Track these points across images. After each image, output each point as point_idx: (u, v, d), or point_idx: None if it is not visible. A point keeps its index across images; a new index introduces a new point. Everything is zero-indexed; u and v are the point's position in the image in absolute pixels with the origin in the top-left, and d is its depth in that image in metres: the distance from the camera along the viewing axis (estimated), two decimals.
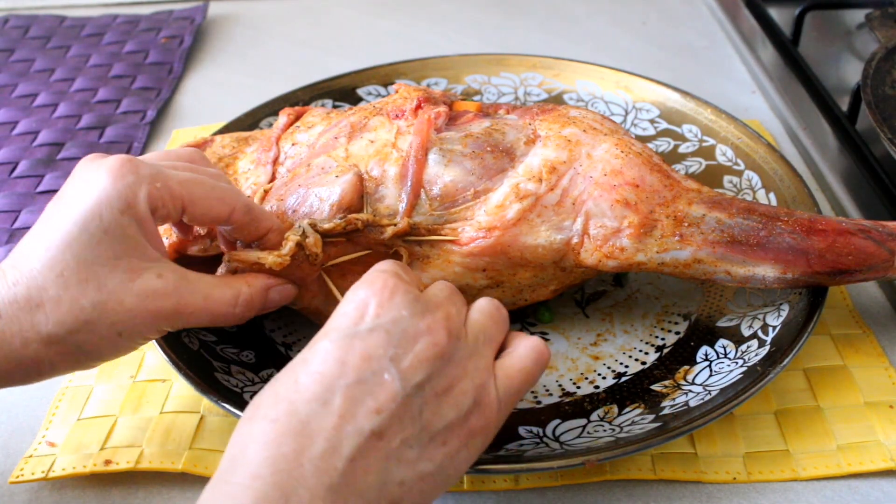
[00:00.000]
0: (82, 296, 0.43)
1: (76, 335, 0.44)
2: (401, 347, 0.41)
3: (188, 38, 0.98)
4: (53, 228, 0.44)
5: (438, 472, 0.41)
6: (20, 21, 1.03)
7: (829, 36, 0.95)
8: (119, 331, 0.45)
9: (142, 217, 0.45)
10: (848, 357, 0.57)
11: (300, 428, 0.38)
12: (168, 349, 0.52)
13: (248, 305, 0.49)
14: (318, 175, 0.55)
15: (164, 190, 0.45)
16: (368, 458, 0.38)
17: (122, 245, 0.44)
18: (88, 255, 0.44)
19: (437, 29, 1.01)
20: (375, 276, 0.44)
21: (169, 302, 0.45)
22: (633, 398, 0.54)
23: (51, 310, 0.43)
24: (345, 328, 0.41)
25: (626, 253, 0.54)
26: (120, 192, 0.44)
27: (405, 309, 0.42)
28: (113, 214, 0.44)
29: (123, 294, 0.44)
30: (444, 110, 0.56)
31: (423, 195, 0.54)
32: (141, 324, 0.45)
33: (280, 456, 0.37)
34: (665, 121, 0.73)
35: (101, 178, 0.44)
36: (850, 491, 0.50)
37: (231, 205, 0.48)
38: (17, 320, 0.43)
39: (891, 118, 0.67)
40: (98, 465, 0.51)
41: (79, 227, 0.44)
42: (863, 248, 0.53)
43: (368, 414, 0.39)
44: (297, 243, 0.50)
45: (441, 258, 0.54)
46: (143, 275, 0.45)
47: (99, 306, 0.44)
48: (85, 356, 0.45)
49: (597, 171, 0.54)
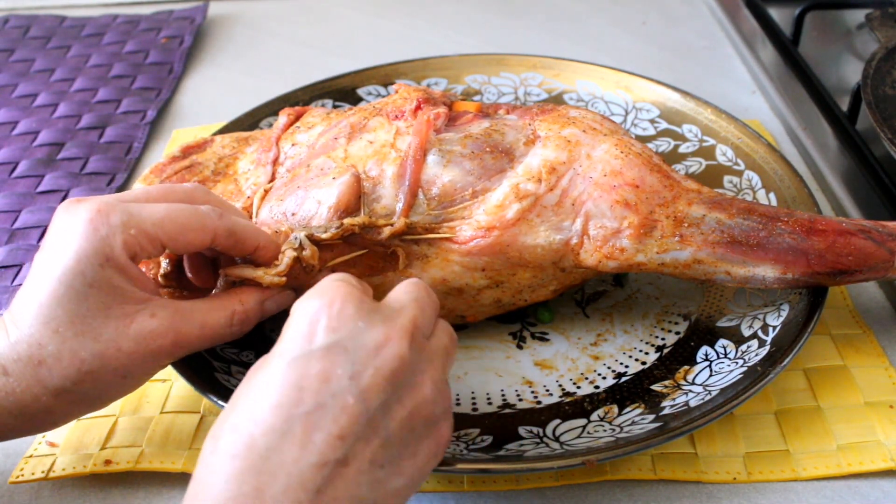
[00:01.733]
0: (81, 348, 0.44)
1: (82, 385, 0.44)
2: (359, 364, 0.39)
3: (188, 38, 0.98)
4: (42, 285, 0.44)
5: (411, 485, 0.40)
6: (20, 21, 1.03)
7: (829, 36, 0.95)
8: (123, 374, 0.45)
9: (122, 266, 0.45)
10: (848, 357, 0.57)
11: (261, 464, 0.36)
12: None
13: (245, 322, 0.49)
14: (317, 176, 0.55)
15: (138, 235, 0.45)
16: (336, 488, 0.37)
17: (109, 296, 0.45)
18: (79, 310, 0.44)
19: (437, 29, 1.01)
20: (325, 286, 0.42)
21: (167, 339, 0.46)
22: (633, 398, 0.54)
23: (53, 365, 0.44)
24: (298, 347, 0.39)
25: (626, 253, 0.54)
26: (95, 248, 0.44)
27: (361, 320, 0.40)
28: (94, 270, 0.44)
29: (121, 340, 0.45)
30: (443, 111, 0.56)
31: (421, 195, 0.54)
32: (142, 365, 0.46)
33: (241, 495, 0.36)
34: (665, 121, 0.73)
35: (76, 232, 0.44)
36: (850, 491, 0.50)
37: (211, 231, 0.47)
38: (24, 377, 0.44)
39: (891, 118, 0.67)
40: (98, 465, 0.51)
41: (64, 285, 0.44)
42: (863, 249, 0.53)
43: (331, 442, 0.37)
44: (293, 258, 0.50)
45: (440, 257, 0.54)
46: (137, 318, 0.45)
47: (98, 356, 0.44)
48: (95, 401, 0.46)
49: (596, 172, 0.54)
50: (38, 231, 0.71)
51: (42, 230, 0.71)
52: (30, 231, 0.71)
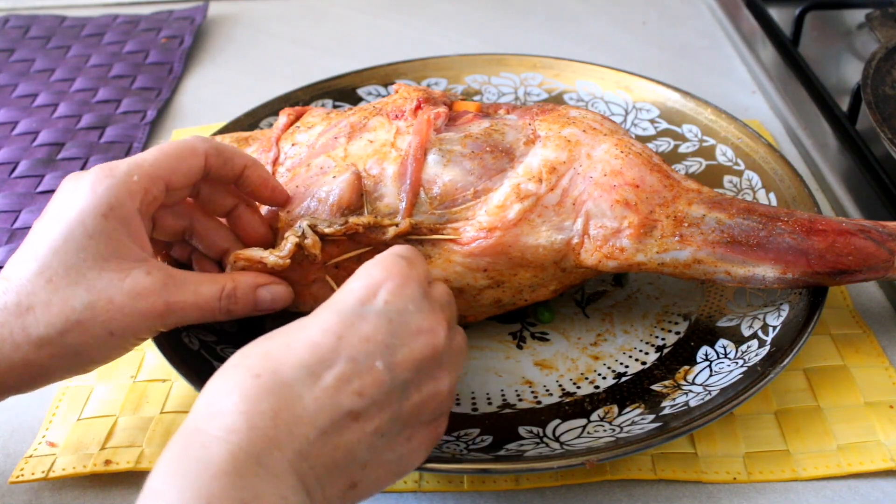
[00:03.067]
0: (72, 297, 0.44)
1: (67, 336, 0.44)
2: (399, 339, 0.41)
3: (188, 38, 0.98)
4: (40, 240, 0.45)
5: (397, 464, 0.42)
6: (20, 21, 1.03)
7: (829, 36, 0.95)
8: (111, 330, 0.45)
9: (126, 217, 0.46)
10: (848, 357, 0.57)
11: (282, 390, 0.38)
12: (168, 349, 0.52)
13: (232, 299, 0.49)
14: (317, 175, 0.55)
15: (142, 179, 0.46)
16: (341, 435, 0.39)
17: (107, 247, 0.45)
18: (75, 260, 0.44)
19: (437, 29, 1.01)
20: (392, 260, 0.44)
21: (159, 299, 0.46)
22: (633, 398, 0.54)
23: (41, 313, 0.44)
24: (351, 304, 0.41)
25: (626, 253, 0.54)
26: (100, 197, 0.45)
27: (412, 303, 0.42)
28: (96, 220, 0.45)
29: (113, 293, 0.45)
30: (443, 111, 0.56)
31: (423, 194, 0.54)
32: (132, 322, 0.45)
33: (257, 413, 0.37)
34: (665, 121, 0.73)
35: (81, 188, 0.46)
36: (850, 491, 0.50)
37: (202, 152, 0.49)
38: (8, 325, 0.44)
39: (891, 118, 0.67)
40: (98, 465, 0.51)
41: (63, 235, 0.44)
42: (863, 249, 0.53)
43: (351, 394, 0.39)
44: (295, 244, 0.51)
45: (442, 258, 0.54)
46: (132, 273, 0.45)
47: (89, 307, 0.44)
48: (77, 358, 0.45)
49: (597, 172, 0.54)
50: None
51: None
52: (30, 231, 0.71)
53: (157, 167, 0.47)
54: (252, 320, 0.60)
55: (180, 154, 0.48)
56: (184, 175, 0.49)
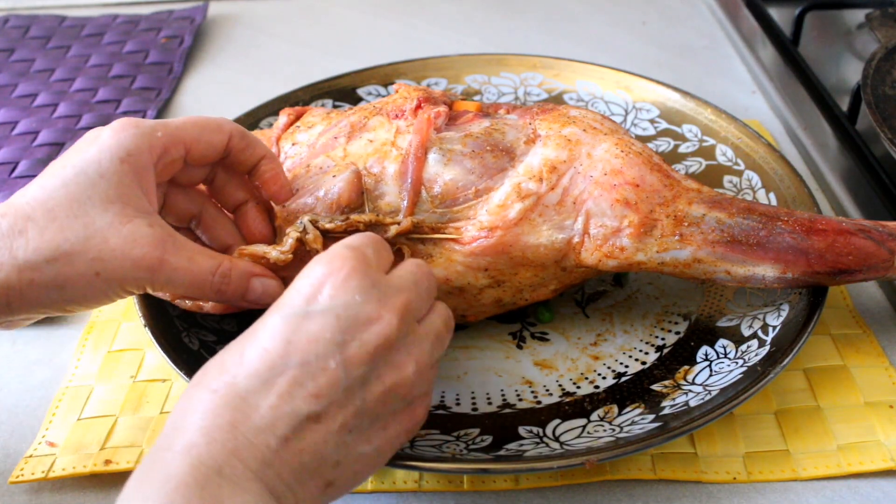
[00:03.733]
0: (68, 228, 0.44)
1: (52, 264, 0.44)
2: (348, 334, 0.40)
3: (188, 38, 0.98)
4: (52, 173, 0.45)
5: (375, 454, 0.42)
6: (20, 21, 1.02)
7: (829, 36, 0.95)
8: (97, 270, 0.44)
9: (141, 167, 0.46)
10: (848, 357, 0.57)
11: (238, 402, 0.38)
12: (168, 349, 0.52)
13: (226, 279, 0.48)
14: (317, 175, 0.55)
15: (165, 137, 0.47)
16: (304, 439, 0.39)
17: (116, 190, 0.45)
18: (82, 195, 0.44)
19: (437, 29, 1.01)
20: (336, 253, 0.43)
21: (154, 252, 0.45)
22: (633, 398, 0.54)
23: (32, 237, 0.44)
24: (296, 306, 0.41)
25: (626, 252, 0.54)
26: (120, 141, 0.46)
27: (359, 294, 0.41)
28: (112, 162, 0.45)
29: (110, 234, 0.45)
30: (443, 110, 0.56)
31: (424, 193, 0.54)
32: (121, 268, 0.45)
33: (216, 427, 0.38)
34: (665, 121, 0.73)
35: (104, 132, 0.46)
36: (850, 491, 0.50)
37: (227, 131, 0.50)
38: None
39: (891, 118, 0.67)
40: (98, 465, 0.51)
41: (76, 170, 0.45)
42: (863, 248, 0.53)
43: (307, 398, 0.39)
44: (297, 239, 0.51)
45: (443, 257, 0.54)
46: (135, 220, 0.45)
47: (83, 241, 0.44)
48: (57, 292, 0.45)
49: (597, 171, 0.54)
50: None
51: None
52: None
53: (182, 130, 0.48)
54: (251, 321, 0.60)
55: (207, 125, 0.49)
56: (205, 146, 0.49)
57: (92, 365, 0.59)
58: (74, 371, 0.58)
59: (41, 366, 0.60)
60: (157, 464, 0.37)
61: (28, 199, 0.45)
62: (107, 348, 0.60)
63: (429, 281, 0.46)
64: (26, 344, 0.61)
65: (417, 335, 0.43)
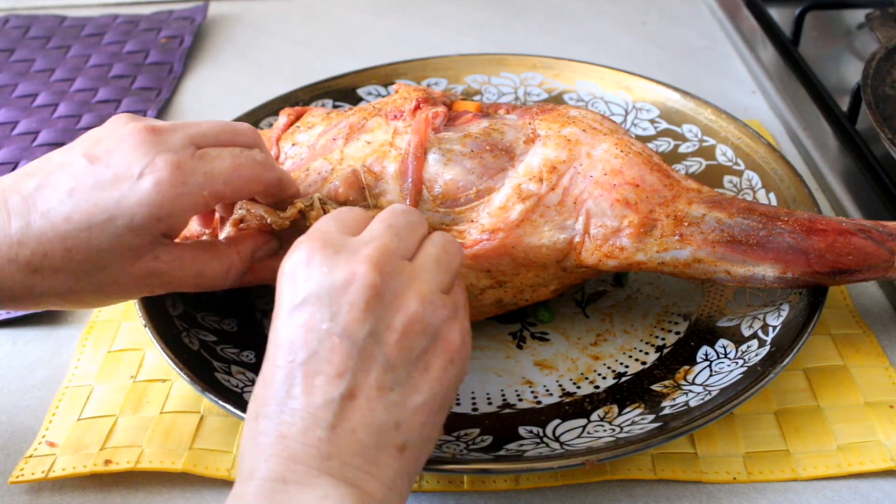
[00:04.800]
0: (83, 274, 0.45)
1: (57, 299, 0.46)
2: (334, 304, 0.40)
3: (188, 38, 0.98)
4: (81, 198, 0.45)
5: (432, 399, 0.41)
6: (20, 21, 1.02)
7: (829, 36, 0.95)
8: (106, 295, 0.48)
9: (175, 227, 0.47)
10: (848, 357, 0.57)
11: (278, 416, 0.39)
12: (168, 349, 0.52)
13: (240, 274, 0.51)
14: (315, 181, 0.55)
15: (209, 196, 0.47)
16: (350, 419, 0.39)
17: (140, 240, 0.46)
18: (104, 244, 0.45)
19: (437, 29, 1.01)
20: (296, 245, 0.43)
21: (161, 279, 0.48)
22: (633, 398, 0.54)
23: (46, 276, 0.45)
24: (284, 306, 0.41)
25: (626, 252, 0.54)
26: (163, 202, 0.45)
27: (325, 265, 0.41)
28: (147, 219, 0.45)
29: (120, 276, 0.46)
30: (442, 110, 0.56)
31: (426, 193, 0.54)
32: (126, 292, 0.48)
33: (267, 446, 0.38)
34: (665, 121, 0.73)
35: (148, 179, 0.45)
36: (850, 491, 0.50)
37: (265, 183, 0.50)
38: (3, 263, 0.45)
39: (891, 118, 0.67)
40: (98, 465, 0.51)
41: (107, 214, 0.45)
42: (863, 248, 0.53)
43: (331, 381, 0.39)
44: (299, 210, 0.52)
45: None
46: (144, 258, 0.47)
47: (91, 283, 0.46)
48: (45, 310, 0.48)
49: (597, 171, 0.54)
50: None
51: None
52: None
53: (227, 187, 0.47)
54: (251, 321, 0.60)
55: (250, 178, 0.48)
56: (243, 195, 0.50)
57: (92, 365, 0.59)
58: (74, 371, 0.58)
59: (41, 366, 0.60)
60: (231, 500, 0.38)
61: (44, 219, 0.44)
62: (107, 348, 0.60)
63: (406, 216, 0.45)
64: (26, 344, 0.61)
65: (410, 270, 0.42)
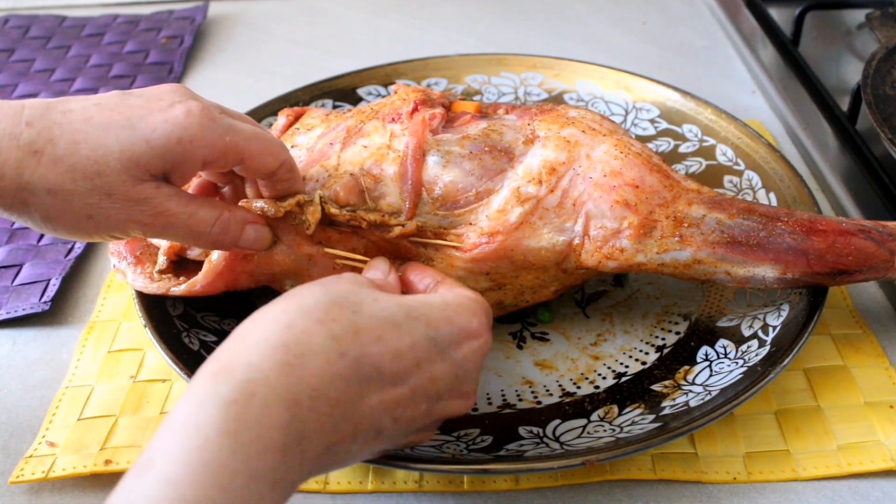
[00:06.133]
0: (81, 170, 0.44)
1: (50, 196, 0.44)
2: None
3: (188, 38, 0.98)
4: (106, 106, 0.45)
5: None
6: (20, 21, 1.03)
7: (829, 36, 0.95)
8: (91, 213, 0.45)
9: (191, 157, 0.46)
10: (848, 357, 0.57)
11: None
12: (168, 349, 0.52)
13: (224, 229, 0.49)
14: (312, 188, 0.55)
15: (230, 144, 0.47)
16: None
17: (149, 160, 0.45)
18: (114, 148, 0.44)
19: (437, 29, 1.01)
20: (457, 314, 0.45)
21: (154, 211, 0.46)
22: (633, 398, 0.54)
23: (45, 163, 0.43)
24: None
25: (626, 254, 0.53)
26: (189, 125, 0.45)
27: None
28: (167, 138, 0.45)
29: (117, 190, 0.45)
30: (439, 112, 0.56)
31: (425, 195, 0.54)
32: (115, 221, 0.46)
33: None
34: (665, 121, 0.73)
35: (181, 106, 0.46)
36: (850, 491, 0.50)
37: (280, 161, 0.50)
38: (6, 150, 0.43)
39: (891, 118, 0.67)
40: (98, 465, 0.51)
41: (127, 122, 0.45)
42: (863, 249, 0.53)
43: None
44: (297, 203, 0.52)
45: (444, 261, 0.54)
46: (146, 182, 0.45)
47: (89, 186, 0.44)
48: (42, 221, 0.45)
49: (596, 172, 0.54)
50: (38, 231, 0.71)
51: None
52: (30, 231, 0.71)
53: (247, 144, 0.48)
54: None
55: (268, 148, 0.49)
56: (257, 166, 0.49)
57: (92, 365, 0.59)
58: (74, 371, 0.58)
59: (41, 366, 0.60)
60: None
61: (61, 115, 0.44)
62: (107, 348, 0.60)
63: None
64: (26, 344, 0.61)
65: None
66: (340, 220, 0.52)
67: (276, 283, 0.55)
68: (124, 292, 0.64)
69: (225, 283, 0.55)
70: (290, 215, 0.52)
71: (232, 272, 0.54)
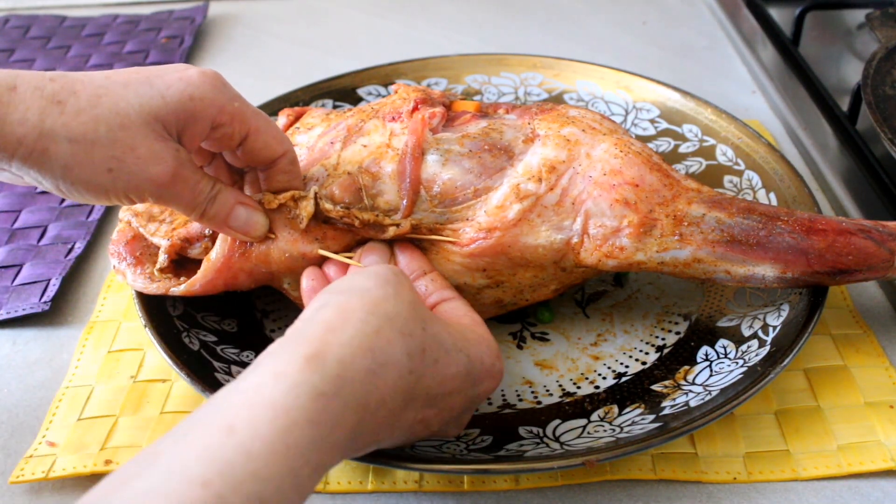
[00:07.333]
0: (104, 120, 0.45)
1: (72, 145, 0.44)
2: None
3: (188, 38, 0.98)
4: (126, 69, 0.47)
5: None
6: (20, 21, 1.03)
7: (829, 36, 0.95)
8: (111, 167, 0.45)
9: (202, 116, 0.47)
10: (848, 357, 0.57)
11: None
12: (168, 349, 0.52)
13: (216, 202, 0.50)
14: (311, 188, 0.55)
15: (238, 110, 0.48)
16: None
17: (166, 116, 0.46)
18: (134, 101, 0.46)
19: (437, 29, 1.01)
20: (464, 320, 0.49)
21: (169, 171, 0.47)
22: (633, 398, 0.54)
23: (68, 111, 0.44)
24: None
25: (626, 252, 0.53)
26: (202, 84, 0.47)
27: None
28: (181, 94, 0.46)
29: (140, 143, 0.46)
30: (439, 111, 0.56)
31: (423, 193, 0.54)
32: (134, 175, 0.46)
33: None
34: (665, 121, 0.73)
35: (195, 68, 0.48)
36: (850, 491, 0.50)
37: (285, 148, 0.51)
38: (30, 99, 0.44)
39: (891, 118, 0.67)
40: (98, 465, 0.51)
41: (146, 80, 0.46)
42: (863, 248, 0.53)
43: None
44: (292, 196, 0.52)
45: (440, 256, 0.54)
46: (167, 142, 0.47)
47: (112, 137, 0.45)
48: (61, 170, 0.45)
49: (596, 171, 0.54)
50: (38, 231, 0.71)
51: (42, 230, 0.71)
52: (30, 231, 0.71)
53: (255, 117, 0.49)
54: (251, 321, 0.60)
55: (274, 132, 0.50)
56: (261, 146, 0.50)
57: (92, 365, 0.59)
58: (74, 371, 0.58)
59: (41, 366, 0.60)
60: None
61: (83, 75, 0.46)
62: (107, 348, 0.60)
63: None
64: (26, 344, 0.61)
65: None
66: (334, 217, 0.53)
67: (274, 282, 0.55)
68: (124, 292, 0.65)
69: (224, 283, 0.54)
70: (284, 208, 0.52)
71: (230, 270, 0.54)
